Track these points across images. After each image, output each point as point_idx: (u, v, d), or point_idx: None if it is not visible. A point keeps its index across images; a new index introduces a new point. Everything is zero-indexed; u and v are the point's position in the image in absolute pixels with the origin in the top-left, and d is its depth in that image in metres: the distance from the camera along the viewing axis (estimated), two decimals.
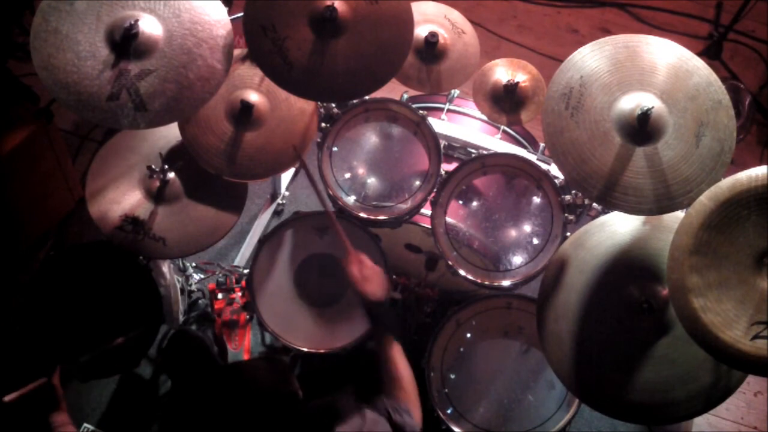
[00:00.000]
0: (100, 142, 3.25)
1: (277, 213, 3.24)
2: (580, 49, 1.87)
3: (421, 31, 2.29)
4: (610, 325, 1.87)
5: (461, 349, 2.41)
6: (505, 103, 2.33)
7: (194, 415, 1.74)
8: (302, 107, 2.16)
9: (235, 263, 3.04)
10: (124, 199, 2.17)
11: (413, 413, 1.83)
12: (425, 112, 2.38)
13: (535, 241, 2.31)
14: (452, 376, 2.39)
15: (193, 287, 2.96)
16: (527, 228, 2.34)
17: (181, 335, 2.80)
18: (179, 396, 1.83)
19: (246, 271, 2.72)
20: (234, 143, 2.11)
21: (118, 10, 1.86)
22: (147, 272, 2.20)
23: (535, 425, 2.34)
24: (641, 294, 1.83)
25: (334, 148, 2.41)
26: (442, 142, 2.41)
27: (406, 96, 2.56)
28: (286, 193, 3.26)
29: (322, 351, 2.36)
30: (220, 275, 2.85)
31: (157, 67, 1.84)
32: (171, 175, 2.18)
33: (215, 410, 1.68)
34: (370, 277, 2.01)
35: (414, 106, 2.40)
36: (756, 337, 1.53)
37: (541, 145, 2.54)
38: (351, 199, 2.39)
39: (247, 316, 2.81)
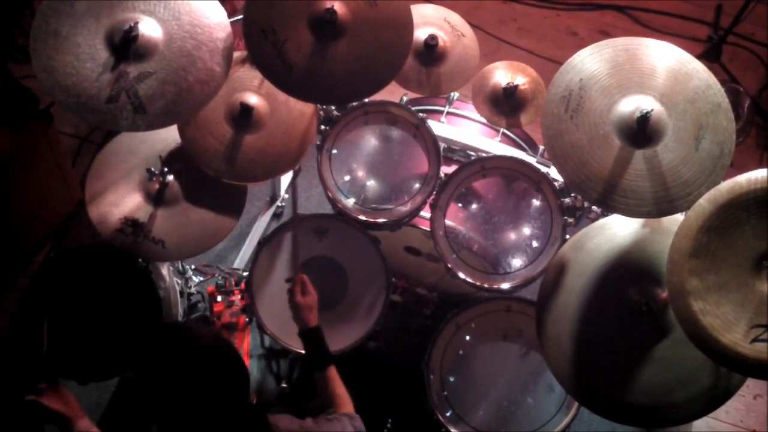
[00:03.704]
0: (99, 145, 3.24)
1: (276, 215, 3.23)
2: (579, 52, 1.87)
3: (420, 34, 2.29)
4: (610, 327, 1.87)
5: (460, 352, 2.41)
6: (505, 106, 2.33)
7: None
8: (301, 110, 2.17)
9: (235, 266, 3.04)
10: (123, 202, 2.17)
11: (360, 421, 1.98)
12: (425, 115, 2.38)
13: (535, 243, 2.31)
14: (451, 379, 2.38)
15: (193, 290, 2.96)
16: (527, 231, 2.34)
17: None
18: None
19: (245, 273, 2.72)
20: (233, 146, 2.11)
21: (117, 12, 1.86)
22: (146, 275, 2.20)
23: (534, 428, 2.33)
24: (641, 297, 1.83)
25: (334, 151, 2.41)
26: (442, 145, 2.41)
27: (405, 98, 2.56)
28: (286, 196, 3.26)
29: None
30: (220, 278, 2.85)
31: (157, 70, 1.84)
32: (170, 177, 2.18)
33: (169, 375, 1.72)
34: (311, 304, 2.10)
35: (413, 108, 2.40)
36: (755, 340, 1.53)
37: (541, 147, 2.54)
38: (350, 202, 2.39)
39: (247, 319, 2.80)
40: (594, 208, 2.24)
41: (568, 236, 2.14)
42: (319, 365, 2.05)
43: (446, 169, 2.36)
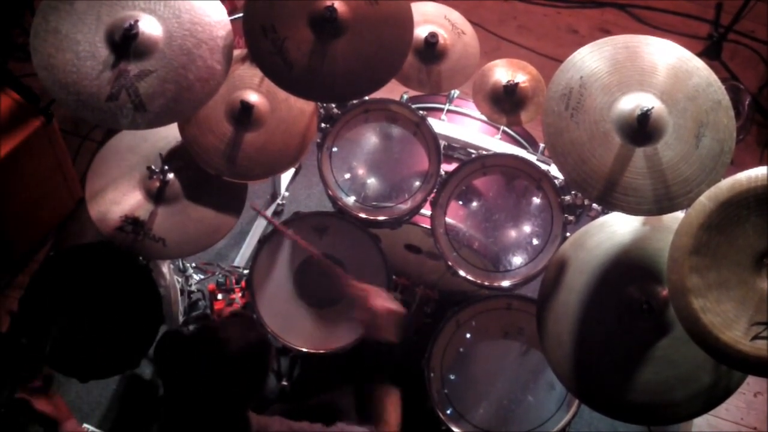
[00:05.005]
0: (99, 143, 3.25)
1: (276, 213, 3.23)
2: (579, 50, 1.87)
3: (421, 32, 2.29)
4: (610, 325, 1.87)
5: (461, 350, 2.41)
6: (505, 104, 2.33)
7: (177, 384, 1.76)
8: (302, 108, 2.16)
9: (235, 264, 3.04)
10: (124, 200, 2.17)
11: None
12: (425, 113, 2.38)
13: (535, 241, 2.31)
14: (452, 377, 2.38)
15: (193, 288, 2.96)
16: (527, 228, 2.34)
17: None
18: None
19: (246, 271, 2.72)
20: (234, 144, 2.11)
21: (118, 10, 1.86)
22: (147, 273, 2.20)
23: (534, 426, 2.33)
24: (641, 294, 1.83)
25: (334, 149, 2.41)
26: (442, 143, 2.40)
27: (405, 96, 2.56)
28: (286, 194, 3.26)
29: (321, 351, 2.36)
30: (220, 276, 2.85)
31: (157, 68, 1.84)
32: (171, 175, 2.18)
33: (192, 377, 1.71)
34: (399, 312, 1.94)
35: (414, 106, 2.40)
36: (756, 337, 1.53)
37: (541, 145, 2.54)
38: (351, 200, 2.39)
39: None
40: (594, 205, 2.24)
41: (568, 234, 2.14)
42: (376, 380, 1.93)
43: (447, 167, 2.36)
